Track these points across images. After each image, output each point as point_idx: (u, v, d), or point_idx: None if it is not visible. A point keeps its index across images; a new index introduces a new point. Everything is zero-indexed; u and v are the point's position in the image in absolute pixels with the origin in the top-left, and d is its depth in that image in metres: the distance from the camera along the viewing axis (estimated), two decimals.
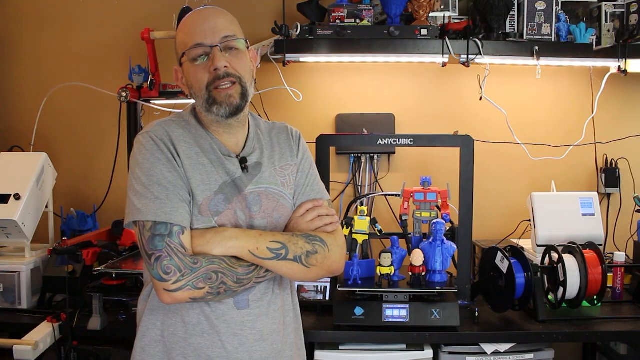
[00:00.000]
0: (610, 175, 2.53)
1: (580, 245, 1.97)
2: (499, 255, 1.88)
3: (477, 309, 1.89)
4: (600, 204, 2.25)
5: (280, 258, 1.27)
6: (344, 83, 2.58)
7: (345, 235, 1.94)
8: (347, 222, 1.96)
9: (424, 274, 1.84)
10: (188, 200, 1.26)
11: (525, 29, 2.26)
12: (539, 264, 2.00)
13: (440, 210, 2.00)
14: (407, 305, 1.81)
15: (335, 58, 2.36)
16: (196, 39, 1.29)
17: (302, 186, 1.42)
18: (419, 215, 1.99)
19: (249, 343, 1.30)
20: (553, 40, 2.27)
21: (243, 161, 1.35)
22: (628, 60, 2.25)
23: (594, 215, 2.16)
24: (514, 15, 2.31)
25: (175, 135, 1.31)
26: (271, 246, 1.26)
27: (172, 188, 1.24)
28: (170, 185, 1.25)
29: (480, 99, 2.37)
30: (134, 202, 1.24)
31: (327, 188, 2.01)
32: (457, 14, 2.37)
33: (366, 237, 1.96)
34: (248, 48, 1.36)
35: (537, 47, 2.22)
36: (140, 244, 1.24)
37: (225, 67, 1.28)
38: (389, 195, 2.47)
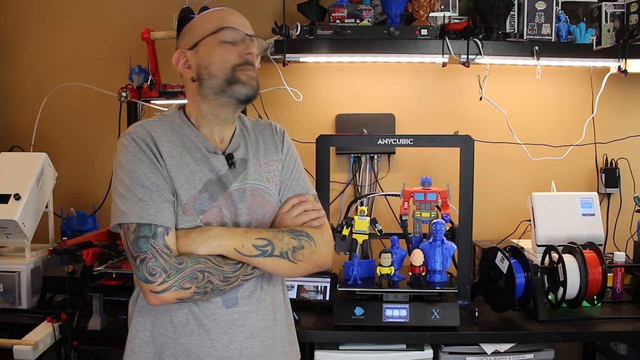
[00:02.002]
0: (610, 175, 2.53)
1: (580, 245, 1.97)
2: (499, 255, 1.88)
3: (477, 309, 1.89)
4: (600, 204, 2.25)
5: (266, 255, 1.26)
6: (344, 83, 2.58)
7: (345, 235, 1.95)
8: (347, 222, 1.96)
9: (424, 274, 1.84)
10: (172, 201, 1.26)
11: (525, 29, 2.26)
12: (539, 264, 2.00)
13: (440, 210, 2.00)
14: (407, 305, 1.81)
15: (335, 58, 2.35)
16: (230, 23, 1.31)
17: (288, 181, 1.42)
18: (419, 215, 1.99)
19: (239, 341, 1.29)
20: (553, 40, 2.27)
21: (230, 157, 1.34)
22: (628, 60, 2.25)
23: (594, 215, 2.17)
24: (514, 15, 2.31)
25: (158, 135, 1.30)
26: (257, 243, 1.26)
27: (155, 189, 1.24)
28: (153, 186, 1.24)
29: (480, 99, 2.37)
30: (117, 205, 1.24)
31: (327, 188, 2.03)
32: (457, 14, 2.37)
33: (366, 237, 1.96)
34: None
35: (537, 47, 2.23)
36: (126, 246, 1.24)
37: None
38: (389, 195, 2.47)
